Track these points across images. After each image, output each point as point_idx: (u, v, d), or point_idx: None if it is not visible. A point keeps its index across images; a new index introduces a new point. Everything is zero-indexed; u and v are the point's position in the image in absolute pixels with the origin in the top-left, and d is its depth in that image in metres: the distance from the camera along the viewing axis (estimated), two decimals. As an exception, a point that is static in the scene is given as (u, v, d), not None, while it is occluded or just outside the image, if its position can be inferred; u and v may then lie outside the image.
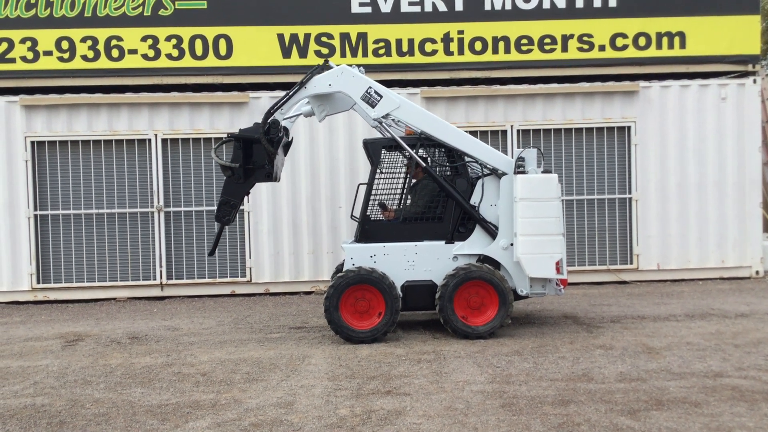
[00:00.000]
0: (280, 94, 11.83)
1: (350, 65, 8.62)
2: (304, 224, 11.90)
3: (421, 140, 8.55)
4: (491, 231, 8.34)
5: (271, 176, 8.25)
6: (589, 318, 9.18)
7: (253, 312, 10.41)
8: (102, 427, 5.50)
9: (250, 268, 11.90)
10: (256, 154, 8.21)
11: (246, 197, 8.56)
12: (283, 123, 8.37)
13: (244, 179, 8.26)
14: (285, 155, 8.92)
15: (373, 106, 8.34)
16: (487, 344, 7.84)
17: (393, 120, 8.52)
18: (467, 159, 8.47)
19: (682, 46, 12.43)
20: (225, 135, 8.31)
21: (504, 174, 8.36)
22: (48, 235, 11.81)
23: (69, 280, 11.81)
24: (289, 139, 8.66)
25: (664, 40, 12.41)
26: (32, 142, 11.71)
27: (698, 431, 5.08)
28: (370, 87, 8.39)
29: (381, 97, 8.35)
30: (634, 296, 10.80)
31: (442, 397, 5.99)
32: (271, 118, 8.19)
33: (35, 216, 11.71)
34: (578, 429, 5.16)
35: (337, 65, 8.54)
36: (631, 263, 12.15)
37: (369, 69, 12.29)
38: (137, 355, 7.87)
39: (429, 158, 8.78)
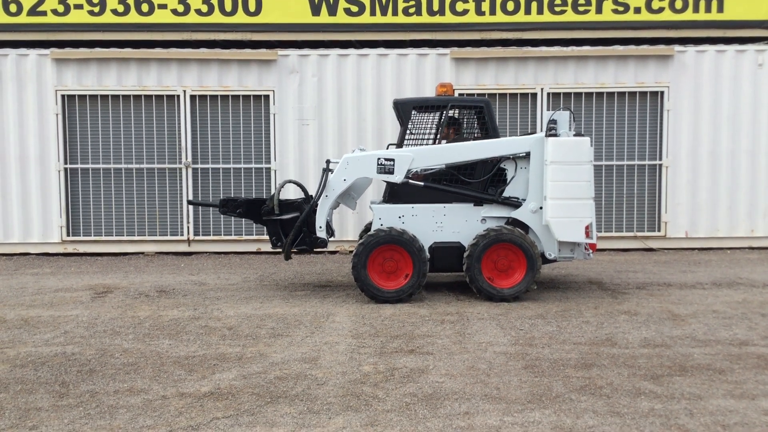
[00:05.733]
0: (309, 52, 11.82)
1: (352, 150, 8.77)
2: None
3: (451, 101, 8.53)
4: (515, 204, 8.30)
5: (274, 246, 8.69)
6: (615, 284, 9.14)
7: (278, 270, 10.51)
8: (131, 376, 5.61)
9: (276, 226, 11.96)
10: (293, 226, 8.51)
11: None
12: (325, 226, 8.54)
13: (262, 220, 8.68)
14: None
15: (391, 173, 8.28)
16: (510, 307, 7.85)
17: (416, 170, 8.46)
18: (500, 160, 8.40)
19: (720, 9, 12.14)
20: (285, 183, 9.08)
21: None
22: (78, 189, 11.96)
23: (98, 234, 11.98)
24: (329, 235, 8.71)
25: (702, 3, 12.13)
26: (62, 96, 11.79)
27: (721, 397, 5.07)
28: (379, 158, 8.30)
29: (393, 161, 8.28)
30: (661, 263, 10.73)
31: (465, 357, 6.03)
32: (320, 238, 8.41)
33: (65, 169, 11.84)
34: (600, 392, 5.17)
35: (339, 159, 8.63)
36: (659, 231, 12.04)
37: (398, 29, 12.27)
38: (165, 308, 8.00)
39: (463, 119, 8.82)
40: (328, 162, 8.57)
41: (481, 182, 8.39)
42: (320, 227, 8.42)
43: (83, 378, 5.58)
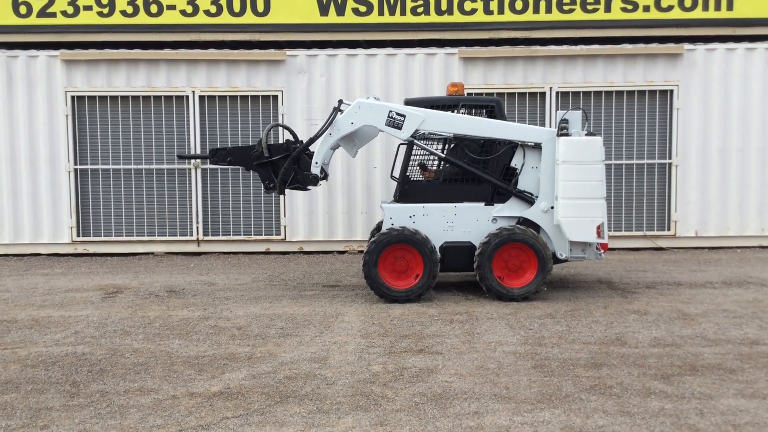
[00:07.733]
0: (317, 52, 11.83)
1: (367, 97, 8.66)
2: (338, 184, 11.92)
3: (462, 100, 8.53)
4: (528, 199, 8.27)
5: (268, 189, 8.64)
6: (624, 283, 9.11)
7: (288, 269, 10.52)
8: (141, 375, 5.63)
9: (285, 227, 11.99)
10: (283, 166, 8.45)
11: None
12: (321, 166, 8.44)
13: (253, 165, 8.59)
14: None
15: (399, 128, 8.29)
16: (519, 307, 7.84)
17: (424, 133, 8.44)
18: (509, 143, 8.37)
19: (729, 7, 12.07)
20: (278, 121, 8.77)
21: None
22: (88, 189, 12.01)
23: (108, 234, 12.03)
24: (322, 176, 8.65)
25: (711, 1, 12.08)
26: (72, 97, 11.84)
27: (732, 397, 5.05)
28: (390, 111, 8.29)
29: (404, 117, 8.27)
30: (671, 263, 10.69)
31: (474, 357, 6.02)
32: (312, 174, 8.32)
33: (75, 170, 11.89)
34: (610, 391, 5.16)
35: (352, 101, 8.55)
36: (669, 230, 11.99)
37: (406, 28, 12.25)
38: (174, 308, 8.03)
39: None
40: (340, 102, 8.56)
41: (496, 166, 8.34)
42: (316, 163, 8.37)
43: (94, 378, 5.60)
